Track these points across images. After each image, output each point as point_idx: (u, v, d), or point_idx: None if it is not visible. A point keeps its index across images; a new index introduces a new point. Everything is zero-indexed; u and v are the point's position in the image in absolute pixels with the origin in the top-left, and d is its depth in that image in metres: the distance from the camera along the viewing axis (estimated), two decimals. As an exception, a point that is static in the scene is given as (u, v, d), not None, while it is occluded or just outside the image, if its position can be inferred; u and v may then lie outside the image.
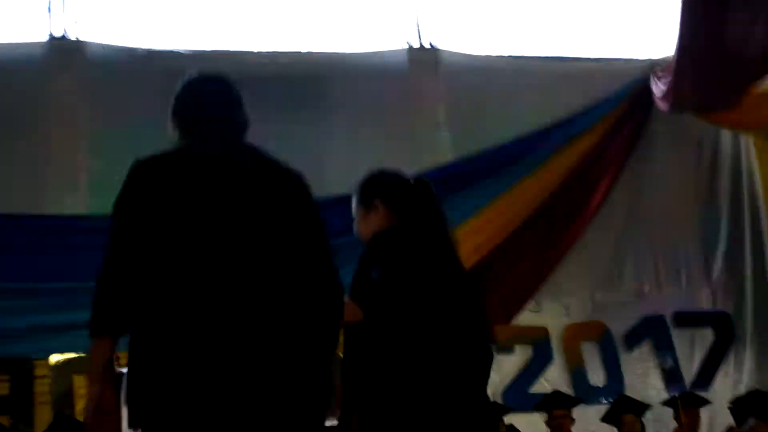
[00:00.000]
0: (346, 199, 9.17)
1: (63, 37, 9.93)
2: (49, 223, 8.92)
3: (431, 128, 10.49)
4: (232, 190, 2.85)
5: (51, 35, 9.89)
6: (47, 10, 9.92)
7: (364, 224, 3.76)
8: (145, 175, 2.91)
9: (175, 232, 2.76)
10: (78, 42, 9.97)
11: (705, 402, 9.00)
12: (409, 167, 9.80)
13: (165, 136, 3.44)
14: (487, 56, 11.11)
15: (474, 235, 9.78)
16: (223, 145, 3.02)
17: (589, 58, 11.32)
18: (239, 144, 3.09)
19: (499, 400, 9.06)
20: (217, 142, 3.02)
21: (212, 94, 3.22)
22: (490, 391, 8.99)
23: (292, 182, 3.01)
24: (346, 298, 3.18)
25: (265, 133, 9.83)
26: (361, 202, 3.78)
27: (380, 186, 3.80)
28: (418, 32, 10.89)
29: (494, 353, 3.69)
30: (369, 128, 10.19)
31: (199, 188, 2.83)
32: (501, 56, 11.15)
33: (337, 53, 10.77)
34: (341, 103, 10.28)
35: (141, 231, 2.80)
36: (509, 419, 8.36)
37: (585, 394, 9.34)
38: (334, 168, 9.98)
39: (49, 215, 9.05)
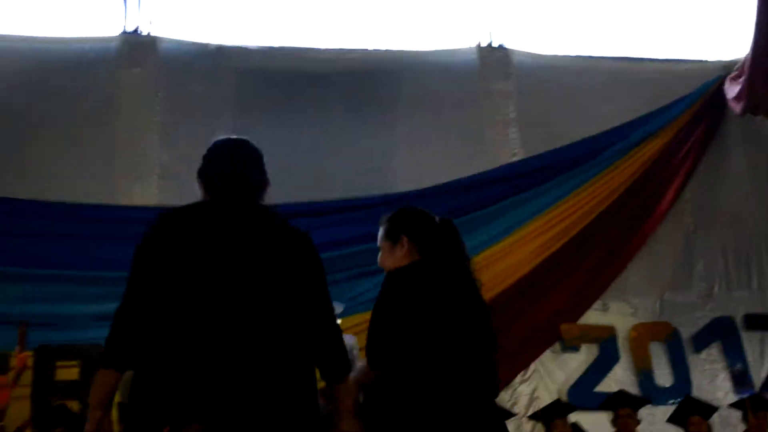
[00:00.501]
0: (412, 196, 9.29)
1: (136, 32, 10.11)
2: (120, 214, 9.09)
3: (501, 127, 10.49)
4: (237, 246, 3.08)
5: (124, 30, 10.07)
6: (122, 5, 10.10)
7: (389, 257, 3.90)
8: (162, 228, 3.19)
9: (180, 283, 3.04)
10: (150, 37, 10.13)
11: (775, 405, 8.87)
12: (478, 165, 9.95)
13: (232, 130, 3.54)
14: (556, 56, 11.07)
15: (542, 233, 9.80)
16: (235, 203, 3.22)
17: (659, 59, 11.23)
18: (252, 203, 3.28)
19: (564, 398, 9.03)
20: (230, 201, 3.23)
21: (232, 156, 3.42)
22: (555, 389, 9.06)
23: (297, 241, 3.21)
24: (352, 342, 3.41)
25: (332, 131, 10.07)
26: (388, 235, 3.92)
27: (408, 222, 3.93)
28: (488, 31, 10.89)
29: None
30: (437, 126, 10.22)
31: (207, 243, 3.08)
32: (570, 56, 11.10)
33: (406, 51, 10.78)
34: (409, 101, 10.32)
35: (152, 279, 3.10)
36: (574, 417, 8.33)
37: (651, 394, 9.25)
38: (401, 166, 10.05)
39: (121, 205, 9.25)
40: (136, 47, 10.06)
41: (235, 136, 3.54)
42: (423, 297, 3.62)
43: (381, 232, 3.98)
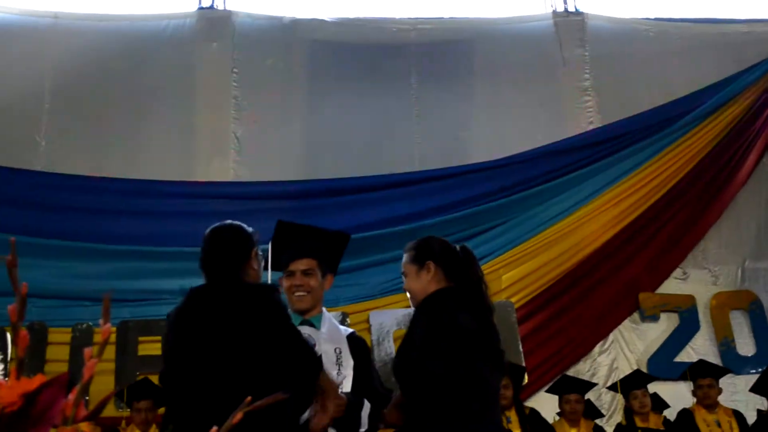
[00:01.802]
0: (489, 167, 9.30)
1: (211, 7, 10.25)
2: (199, 189, 9.29)
3: (577, 94, 10.43)
4: (212, 318, 3.67)
5: (200, 5, 10.21)
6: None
7: (415, 281, 4.02)
8: (180, 306, 3.79)
9: (178, 350, 3.72)
10: (226, 12, 10.27)
11: None
12: (555, 134, 9.93)
13: (307, 103, 3.71)
14: (632, 19, 10.96)
15: (620, 201, 9.76)
16: (215, 283, 3.77)
17: (738, 20, 11.04)
18: (226, 279, 3.77)
19: (644, 368, 9.00)
20: (212, 281, 3.78)
21: (209, 243, 3.84)
22: (635, 358, 9.00)
23: (263, 302, 3.69)
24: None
25: (408, 101, 10.07)
26: (414, 260, 4.01)
27: (433, 249, 4.03)
28: (563, -3, 10.83)
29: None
30: (514, 95, 10.21)
31: (194, 318, 3.71)
32: (648, 19, 10.98)
33: (481, 18, 10.78)
34: (485, 70, 10.31)
35: (167, 342, 3.92)
36: (654, 388, 8.30)
37: (733, 363, 9.18)
38: (477, 134, 10.06)
39: (199, 181, 9.42)
40: (212, 22, 10.21)
41: (215, 225, 3.92)
42: (463, 324, 3.77)
43: (406, 258, 4.12)
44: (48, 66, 9.65)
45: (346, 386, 4.09)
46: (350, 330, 4.49)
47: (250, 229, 3.88)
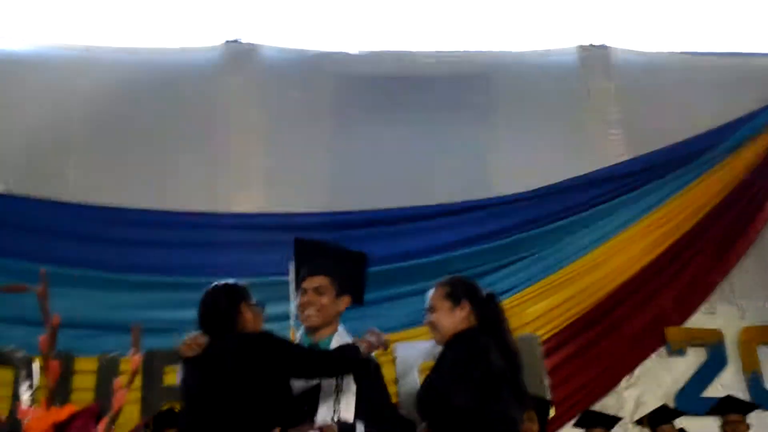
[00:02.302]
0: (514, 200, 9.30)
1: (237, 41, 10.33)
2: (225, 221, 9.34)
3: (604, 127, 10.42)
4: (212, 364, 4.05)
5: (226, 39, 10.30)
6: (223, 14, 10.33)
7: (447, 318, 4.11)
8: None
9: (192, 396, 4.14)
10: (251, 45, 10.35)
11: None
12: (581, 166, 9.92)
13: (333, 135, 3.80)
14: (659, 53, 10.96)
15: (648, 234, 9.73)
16: (214, 339, 4.14)
17: (766, 53, 11.02)
18: (221, 331, 4.16)
19: (671, 403, 8.93)
20: (211, 335, 4.18)
21: (204, 305, 4.33)
22: (662, 393, 8.96)
23: (250, 346, 4.05)
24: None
25: (433, 133, 10.11)
26: (450, 297, 4.07)
27: (469, 288, 4.14)
28: (587, 30, 10.82)
29: None
30: (538, 128, 10.21)
31: (198, 368, 4.11)
32: (674, 53, 10.98)
33: (505, 52, 10.79)
34: (509, 103, 10.33)
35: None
36: (681, 423, 8.23)
37: (761, 399, 9.09)
38: (500, 167, 10.07)
39: (227, 213, 9.49)
40: (239, 55, 10.30)
41: (207, 288, 4.37)
42: (493, 362, 3.82)
43: (438, 293, 4.18)
44: (78, 98, 9.74)
45: (349, 411, 4.10)
46: None
47: (240, 284, 4.29)
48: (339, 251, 4.46)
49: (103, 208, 9.25)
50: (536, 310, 9.18)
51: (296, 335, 4.50)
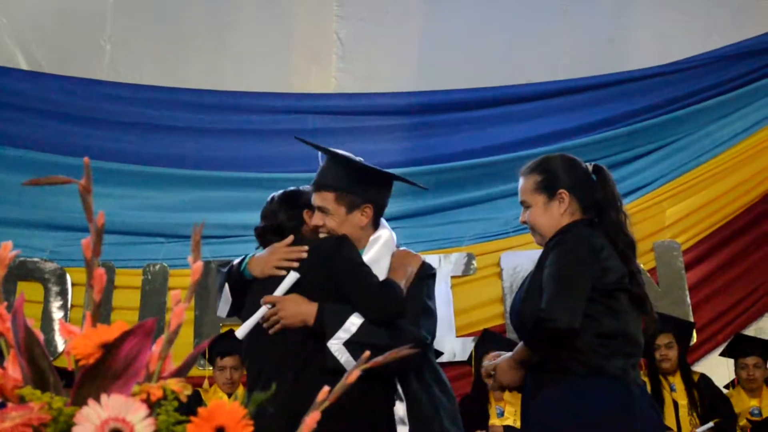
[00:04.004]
0: (651, 75, 9.13)
1: None
2: (297, 103, 9.44)
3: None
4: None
5: None
6: None
7: (543, 215, 3.89)
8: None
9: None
10: None
11: None
12: (735, 35, 9.65)
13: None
14: None
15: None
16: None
17: None
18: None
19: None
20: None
21: (264, 218, 4.34)
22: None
23: (322, 254, 4.10)
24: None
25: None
26: (544, 188, 3.88)
27: (566, 173, 3.92)
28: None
29: None
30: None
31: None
32: None
33: None
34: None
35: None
36: None
37: None
38: (637, 36, 9.93)
39: (297, 93, 9.53)
40: None
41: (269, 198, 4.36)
42: (603, 261, 3.70)
43: (528, 184, 3.97)
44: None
45: None
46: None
47: (302, 189, 4.25)
48: (342, 159, 4.28)
49: (146, 87, 9.30)
50: (675, 212, 9.10)
51: None
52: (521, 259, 8.25)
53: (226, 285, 4.15)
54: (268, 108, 9.36)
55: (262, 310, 3.89)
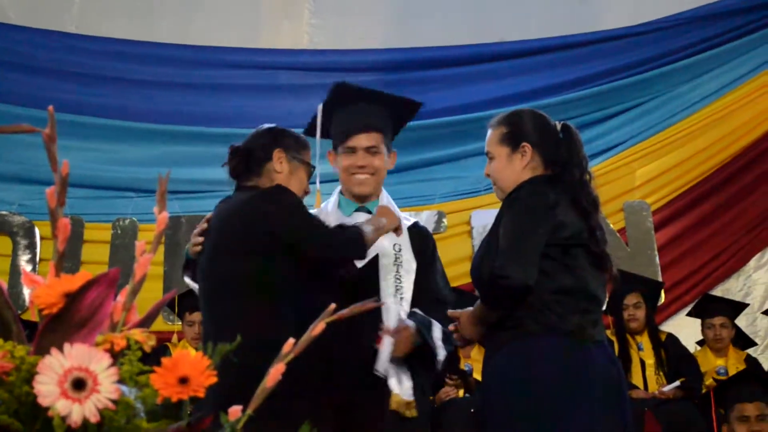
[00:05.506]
0: (623, 35, 9.11)
1: None
2: (268, 59, 9.46)
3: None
4: (218, 232, 4.02)
5: None
6: None
7: (506, 168, 3.85)
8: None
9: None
10: None
11: None
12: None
13: None
14: None
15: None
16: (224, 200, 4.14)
17: None
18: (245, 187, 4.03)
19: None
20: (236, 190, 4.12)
21: (238, 147, 4.14)
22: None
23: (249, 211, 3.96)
24: None
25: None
26: (508, 141, 3.85)
27: (532, 127, 3.87)
28: None
29: None
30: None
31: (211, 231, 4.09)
32: None
33: None
34: None
35: None
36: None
37: None
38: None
39: (268, 48, 9.51)
40: None
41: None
42: (560, 217, 3.68)
43: (493, 136, 3.95)
44: None
45: (406, 295, 4.07)
46: (412, 220, 4.44)
47: (290, 131, 4.03)
48: (394, 100, 4.32)
49: (115, 40, 9.26)
50: (646, 172, 9.12)
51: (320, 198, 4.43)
52: (491, 217, 8.13)
53: (187, 279, 4.16)
54: (240, 63, 9.33)
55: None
